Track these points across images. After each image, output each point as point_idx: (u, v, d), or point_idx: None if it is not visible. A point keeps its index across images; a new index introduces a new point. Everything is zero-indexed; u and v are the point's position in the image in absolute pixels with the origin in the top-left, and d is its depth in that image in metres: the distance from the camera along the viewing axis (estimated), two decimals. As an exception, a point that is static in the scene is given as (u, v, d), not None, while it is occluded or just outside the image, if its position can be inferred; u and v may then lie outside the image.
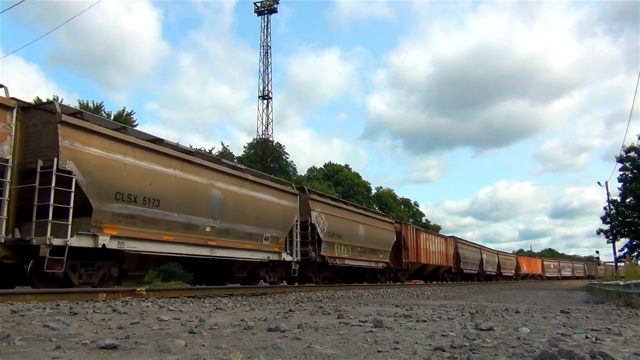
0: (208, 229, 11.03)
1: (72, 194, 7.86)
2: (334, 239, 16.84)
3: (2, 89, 8.00)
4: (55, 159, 7.72)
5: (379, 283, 20.95)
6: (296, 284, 15.12)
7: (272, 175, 15.27)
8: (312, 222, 15.49)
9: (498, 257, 44.57)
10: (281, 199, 13.93)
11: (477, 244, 40.16)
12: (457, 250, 32.48)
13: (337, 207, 17.89)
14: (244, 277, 13.22)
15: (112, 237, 8.66)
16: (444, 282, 29.06)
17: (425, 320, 4.81)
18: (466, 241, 37.36)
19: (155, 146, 9.86)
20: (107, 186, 8.61)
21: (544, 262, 60.18)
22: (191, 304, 6.88)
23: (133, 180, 9.09)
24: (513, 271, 47.47)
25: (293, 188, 15.16)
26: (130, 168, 9.06)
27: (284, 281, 14.99)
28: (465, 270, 33.66)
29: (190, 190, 10.55)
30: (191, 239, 10.54)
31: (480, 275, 38.37)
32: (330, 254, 16.52)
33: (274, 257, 13.61)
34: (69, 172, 7.92)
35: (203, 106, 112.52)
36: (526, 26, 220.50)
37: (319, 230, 15.81)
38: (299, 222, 14.74)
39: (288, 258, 14.17)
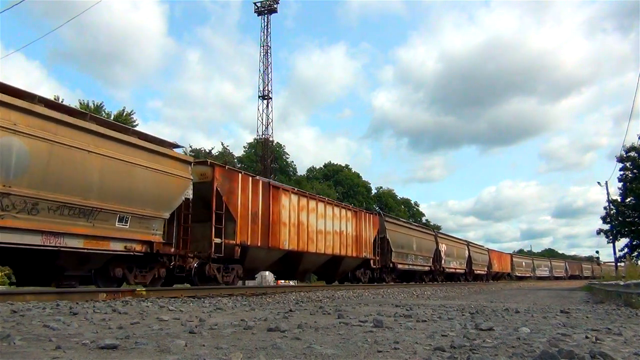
0: None
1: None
2: None
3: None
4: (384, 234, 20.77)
5: (138, 289, 8.59)
6: None
7: None
8: None
9: (469, 250, 33.79)
10: None
11: (431, 230, 29.60)
12: (383, 234, 21.10)
13: None
14: None
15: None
16: (360, 284, 18.67)
17: (425, 320, 4.82)
18: (405, 221, 26.06)
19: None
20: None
21: (514, 259, 50.34)
22: (191, 304, 6.88)
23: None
24: (485, 269, 38.35)
25: None
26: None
27: None
28: (399, 266, 22.10)
29: None
30: None
31: (435, 273, 26.94)
32: None
33: None
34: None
35: (207, 104, 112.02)
36: (537, 22, 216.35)
37: None
38: None
39: None
